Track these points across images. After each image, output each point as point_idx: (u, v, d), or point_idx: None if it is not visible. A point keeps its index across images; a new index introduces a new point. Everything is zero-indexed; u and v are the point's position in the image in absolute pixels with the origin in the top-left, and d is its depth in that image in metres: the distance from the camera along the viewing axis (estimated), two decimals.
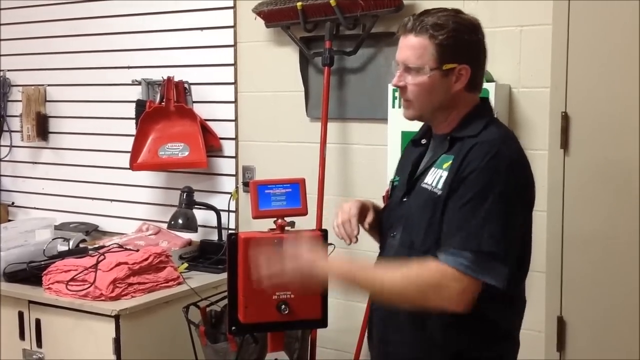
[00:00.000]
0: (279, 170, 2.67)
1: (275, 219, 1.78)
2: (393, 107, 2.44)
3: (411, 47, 1.52)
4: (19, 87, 3.37)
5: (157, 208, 3.07)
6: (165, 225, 2.93)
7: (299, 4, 2.61)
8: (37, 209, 3.39)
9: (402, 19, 1.59)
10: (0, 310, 2.69)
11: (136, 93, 3.03)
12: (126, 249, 2.69)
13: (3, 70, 3.43)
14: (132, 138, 2.97)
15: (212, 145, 2.93)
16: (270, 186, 1.84)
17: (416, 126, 1.72)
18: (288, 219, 1.81)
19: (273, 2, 2.70)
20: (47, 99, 3.32)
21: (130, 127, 3.03)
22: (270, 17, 2.72)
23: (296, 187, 1.84)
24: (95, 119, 3.21)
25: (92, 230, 3.11)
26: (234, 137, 2.89)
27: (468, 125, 1.54)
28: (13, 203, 3.45)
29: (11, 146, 3.44)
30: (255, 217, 1.80)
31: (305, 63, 2.75)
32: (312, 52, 2.70)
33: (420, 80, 1.52)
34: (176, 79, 2.93)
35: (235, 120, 2.88)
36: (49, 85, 3.32)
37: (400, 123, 2.36)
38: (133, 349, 2.45)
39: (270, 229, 1.80)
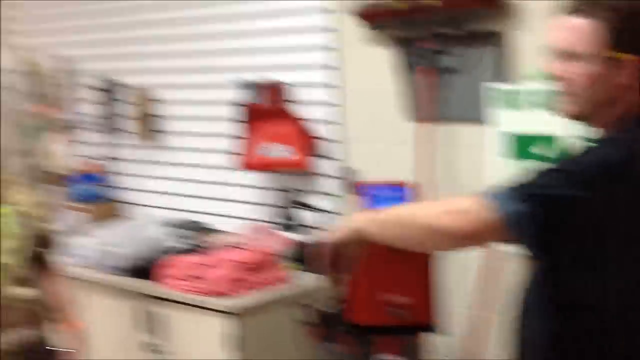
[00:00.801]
0: (381, 171, 2.72)
1: None
2: (493, 108, 2.44)
3: (579, 30, 1.36)
4: (129, 88, 3.53)
5: (260, 208, 3.18)
6: (269, 225, 3.04)
7: (403, 3, 2.64)
8: (147, 206, 3.55)
9: (504, 17, 1.50)
10: (117, 302, 2.86)
11: (239, 95, 3.13)
12: (236, 247, 2.81)
13: (115, 72, 3.59)
14: (236, 139, 3.08)
15: (313, 146, 3.01)
16: (378, 188, 1.90)
17: (526, 127, 1.67)
18: None
19: (377, 3, 2.74)
20: (155, 101, 3.47)
21: (235, 128, 3.14)
22: (373, 17, 2.77)
23: (404, 189, 1.90)
24: (200, 120, 3.34)
25: (199, 228, 3.24)
26: (335, 138, 2.96)
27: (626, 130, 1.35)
28: (124, 201, 3.63)
29: (122, 145, 3.62)
30: None
31: (407, 64, 2.79)
32: (414, 52, 2.73)
33: (588, 69, 1.35)
34: (276, 81, 3.02)
35: (337, 122, 2.94)
36: (157, 86, 3.46)
37: (510, 125, 2.35)
38: (245, 345, 2.57)
39: None
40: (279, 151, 3.00)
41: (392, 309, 1.75)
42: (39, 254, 2.30)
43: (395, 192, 1.87)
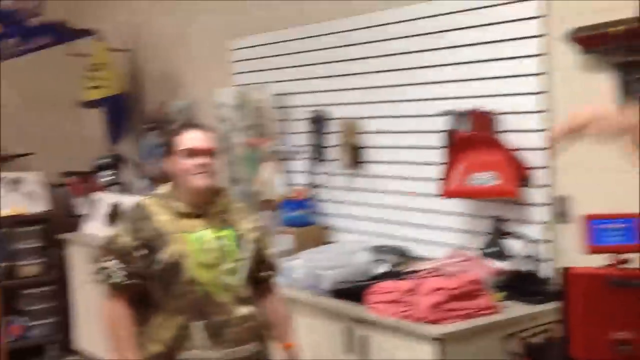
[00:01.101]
0: (598, 200, 2.61)
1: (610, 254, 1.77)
2: None
3: None
4: (336, 119, 3.69)
5: (465, 235, 3.16)
6: (474, 253, 3.02)
7: (620, 28, 2.55)
8: (352, 231, 3.67)
9: None
10: (326, 324, 2.97)
11: (444, 123, 3.16)
12: (441, 275, 2.82)
13: (322, 105, 3.78)
14: (440, 167, 3.11)
15: (521, 174, 2.95)
16: (605, 221, 1.84)
17: None
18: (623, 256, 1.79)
19: (591, 27, 2.66)
20: (361, 130, 3.59)
21: (438, 156, 3.17)
22: (588, 42, 2.69)
23: (634, 221, 1.82)
24: (404, 149, 3.41)
25: (403, 254, 3.29)
26: (544, 165, 2.89)
27: None
28: (330, 226, 3.78)
29: (329, 174, 3.78)
30: (589, 253, 1.81)
31: (624, 89, 2.67)
32: (634, 78, 2.61)
33: None
34: (483, 109, 3.01)
35: (547, 148, 2.87)
36: (362, 117, 3.59)
37: None
38: None
39: (605, 265, 1.79)
40: (486, 179, 2.97)
41: (617, 346, 1.69)
42: (257, 275, 2.46)
43: (627, 225, 1.79)
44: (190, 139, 2.34)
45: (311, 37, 3.84)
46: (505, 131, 3.00)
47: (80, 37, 5.06)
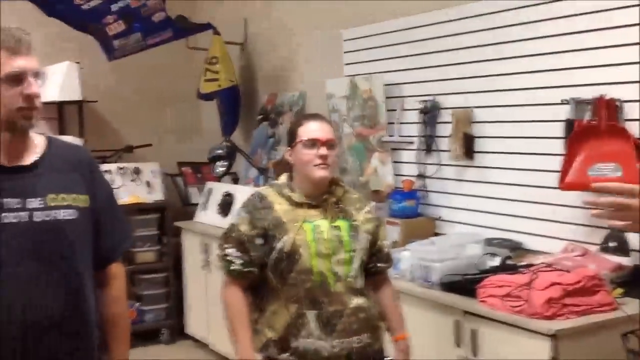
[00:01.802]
0: None
1: None
2: None
3: None
4: (449, 109, 3.62)
5: (583, 229, 3.02)
6: (592, 247, 2.87)
7: None
8: (462, 223, 3.58)
9: None
10: (435, 317, 2.91)
11: (564, 112, 3.02)
12: (556, 269, 2.70)
13: (433, 94, 3.71)
14: (559, 157, 2.97)
15: None
16: None
17: None
18: None
19: None
20: (474, 120, 3.50)
21: (556, 147, 3.04)
22: None
23: None
24: (520, 139, 3.29)
25: (516, 248, 3.18)
26: None
27: None
28: (440, 217, 3.71)
29: (439, 164, 3.71)
30: None
31: None
32: None
33: None
34: (607, 97, 2.86)
35: None
36: (475, 107, 3.49)
37: None
38: None
39: None
40: (609, 170, 2.82)
41: None
42: (371, 266, 2.44)
43: None
44: (312, 130, 2.35)
45: (422, 26, 3.78)
46: (630, 120, 2.84)
47: (198, 32, 5.21)
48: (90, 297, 1.93)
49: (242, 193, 4.77)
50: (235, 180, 5.17)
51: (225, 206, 4.85)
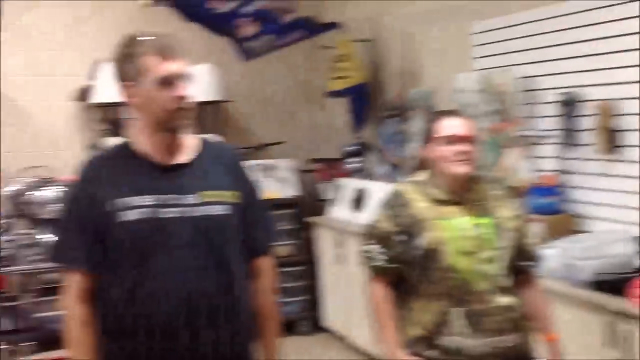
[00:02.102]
0: None
1: None
2: None
3: None
4: (591, 101, 3.51)
5: None
6: None
7: None
8: (606, 220, 3.48)
9: None
10: (583, 317, 2.85)
11: None
12: None
13: (574, 86, 3.62)
14: None
15: None
16: None
17: None
18: None
19: None
20: (619, 113, 3.38)
21: None
22: None
23: None
24: None
25: None
26: None
27: None
28: (581, 214, 3.62)
29: (581, 159, 3.61)
30: None
31: None
32: None
33: None
34: None
35: None
36: (621, 99, 3.38)
37: None
38: None
39: None
40: None
41: None
42: (517, 264, 2.43)
43: None
44: (450, 125, 2.35)
45: (558, 16, 3.69)
46: None
47: (327, 31, 5.31)
48: (244, 288, 2.03)
49: (373, 189, 4.85)
50: (367, 176, 5.24)
51: (357, 202, 4.94)
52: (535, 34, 3.86)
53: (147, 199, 1.91)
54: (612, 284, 2.79)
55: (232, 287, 1.97)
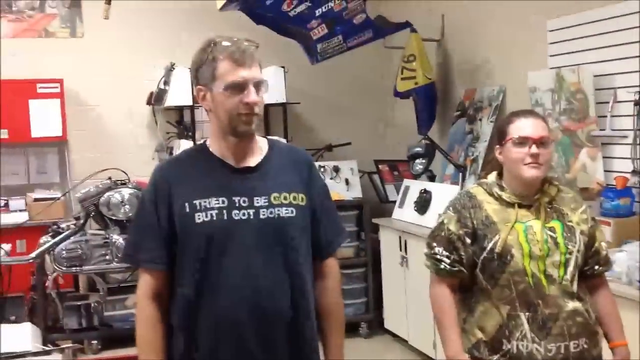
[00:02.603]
0: None
1: None
2: None
3: None
4: None
5: None
6: None
7: None
8: None
9: None
10: None
11: None
12: None
13: None
14: None
15: None
16: None
17: None
18: None
19: None
20: None
21: None
22: None
23: None
24: None
25: None
26: None
27: None
28: None
29: None
30: None
31: None
32: None
33: None
34: None
35: None
36: None
37: None
38: None
39: None
40: None
41: None
42: (587, 269, 2.32)
43: None
44: (523, 127, 2.28)
45: (633, 13, 3.53)
46: None
47: (397, 30, 5.26)
48: (311, 288, 2.04)
49: (439, 191, 4.76)
50: (432, 178, 5.16)
51: (423, 204, 4.86)
52: (611, 31, 3.71)
53: (219, 201, 1.95)
54: None
55: (300, 289, 2.00)
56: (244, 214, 1.94)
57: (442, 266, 2.33)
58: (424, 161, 4.83)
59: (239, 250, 1.93)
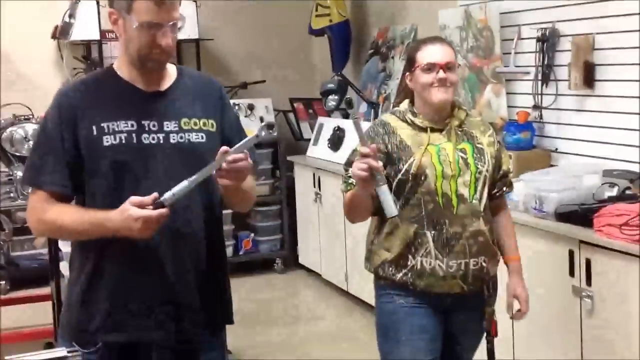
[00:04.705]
0: None
1: None
2: None
3: None
4: (568, 37, 3.47)
5: None
6: None
7: None
8: (581, 155, 3.47)
9: None
10: (549, 246, 2.87)
11: None
12: None
13: (552, 21, 3.57)
14: None
15: None
16: None
17: None
18: None
19: None
20: (595, 47, 3.35)
21: None
22: None
23: None
24: None
25: (637, 179, 3.06)
26: None
27: None
28: (556, 149, 3.61)
29: (556, 94, 3.59)
30: None
31: None
32: None
33: None
34: None
35: None
36: (597, 33, 3.34)
37: None
38: None
39: None
40: None
41: None
42: (493, 190, 2.41)
43: None
44: (431, 53, 2.33)
45: None
46: None
47: None
48: (220, 211, 2.05)
49: (352, 127, 4.80)
50: (346, 116, 5.21)
51: (337, 141, 4.91)
52: None
53: (128, 125, 1.91)
54: (579, 214, 2.79)
55: (212, 211, 1.99)
56: (153, 138, 1.91)
57: (351, 183, 2.35)
58: (336, 97, 4.87)
59: (153, 175, 1.90)
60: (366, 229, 2.46)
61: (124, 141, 1.89)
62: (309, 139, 5.33)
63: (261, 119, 5.45)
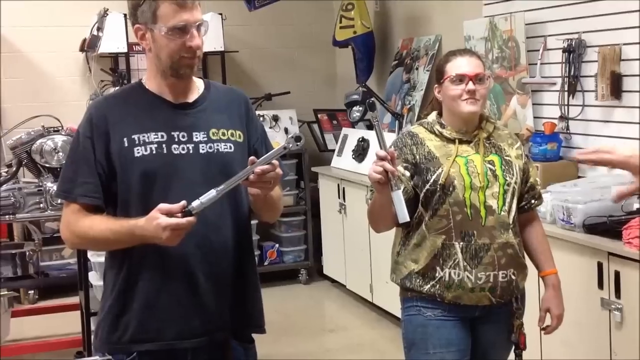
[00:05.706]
0: None
1: None
2: None
3: None
4: (595, 47, 3.46)
5: None
6: None
7: None
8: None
9: None
10: (577, 258, 2.84)
11: None
12: None
13: (578, 32, 3.56)
14: None
15: None
16: None
17: None
18: None
19: None
20: (622, 58, 3.33)
21: None
22: None
23: None
24: None
25: None
26: None
27: None
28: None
29: (583, 105, 3.57)
30: None
31: None
32: None
33: None
34: None
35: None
36: (624, 44, 3.32)
37: None
38: None
39: None
40: None
41: None
42: (522, 202, 2.40)
43: None
44: (460, 65, 2.34)
45: None
46: None
47: None
48: (250, 223, 2.08)
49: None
50: (370, 127, 5.21)
51: (361, 152, 4.92)
52: None
53: (158, 136, 1.94)
54: (607, 226, 2.78)
55: (241, 222, 2.02)
56: (183, 149, 1.95)
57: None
58: (360, 108, 4.87)
59: (183, 185, 1.93)
60: (391, 239, 2.46)
61: (154, 152, 1.93)
62: (333, 150, 5.35)
63: (286, 130, 5.48)
